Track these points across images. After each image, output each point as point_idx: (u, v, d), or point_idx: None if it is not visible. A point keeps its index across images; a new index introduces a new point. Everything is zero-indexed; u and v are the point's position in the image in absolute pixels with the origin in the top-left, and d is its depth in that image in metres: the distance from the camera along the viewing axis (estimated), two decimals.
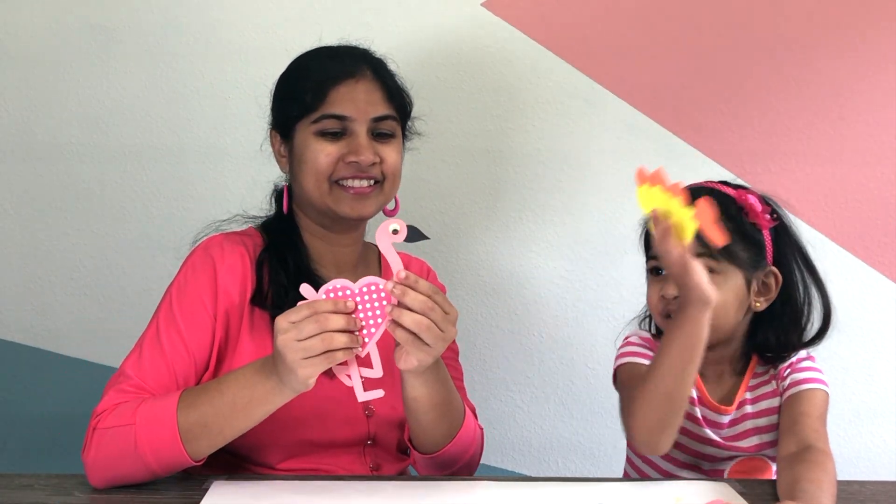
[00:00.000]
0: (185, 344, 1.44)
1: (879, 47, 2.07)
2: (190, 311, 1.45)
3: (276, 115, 1.58)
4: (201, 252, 1.51)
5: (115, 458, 1.34)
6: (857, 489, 1.43)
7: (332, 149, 1.49)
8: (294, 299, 1.42)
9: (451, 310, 1.31)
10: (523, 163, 2.11)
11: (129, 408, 1.35)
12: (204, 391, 1.35)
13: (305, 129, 1.51)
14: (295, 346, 1.24)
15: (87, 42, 2.06)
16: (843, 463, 2.10)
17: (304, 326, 1.25)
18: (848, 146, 2.10)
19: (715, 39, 2.07)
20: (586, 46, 2.08)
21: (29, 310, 2.13)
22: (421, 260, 1.72)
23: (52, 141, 2.09)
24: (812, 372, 1.53)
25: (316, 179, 1.50)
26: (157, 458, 1.33)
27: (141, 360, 1.42)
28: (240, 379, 1.33)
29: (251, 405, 1.32)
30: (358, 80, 1.51)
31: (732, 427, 1.55)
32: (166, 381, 1.41)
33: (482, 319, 2.15)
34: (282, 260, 1.51)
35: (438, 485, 1.42)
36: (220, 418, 1.33)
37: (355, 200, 1.51)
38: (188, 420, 1.32)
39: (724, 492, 1.38)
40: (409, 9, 2.06)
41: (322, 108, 1.50)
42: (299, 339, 1.24)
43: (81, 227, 2.11)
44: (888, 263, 2.13)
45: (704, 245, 1.42)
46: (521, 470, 2.19)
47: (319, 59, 1.56)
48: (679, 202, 1.29)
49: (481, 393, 2.14)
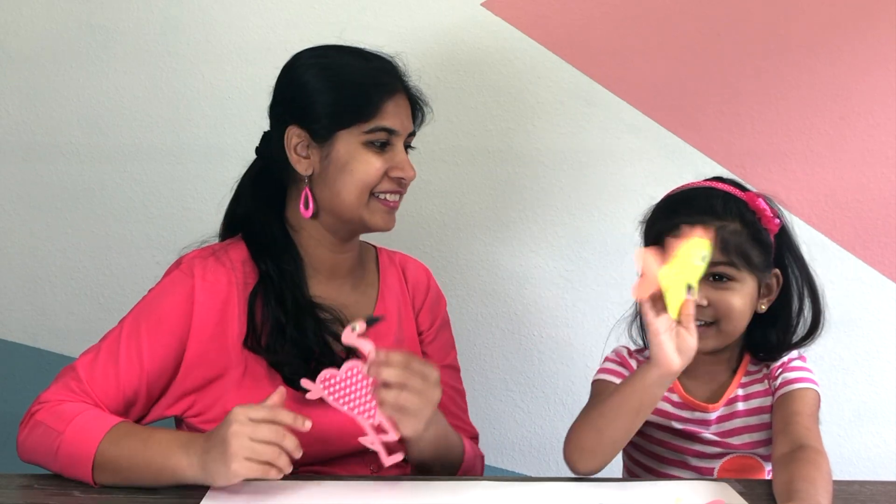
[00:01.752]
0: (141, 360, 1.42)
1: (879, 48, 2.07)
2: (157, 328, 1.44)
3: (309, 115, 1.50)
4: (184, 268, 1.48)
5: (37, 451, 1.38)
6: (858, 489, 1.43)
7: (379, 162, 1.48)
8: (292, 336, 1.43)
9: (431, 372, 1.34)
10: (523, 163, 2.11)
11: (67, 413, 1.36)
12: (132, 435, 1.35)
13: (353, 137, 1.48)
14: (245, 443, 1.25)
15: (87, 42, 2.06)
16: (843, 463, 2.11)
17: (261, 429, 1.25)
18: (848, 146, 2.10)
19: (715, 39, 2.07)
20: (586, 46, 2.08)
21: (29, 310, 2.13)
22: (418, 262, 1.72)
23: (52, 141, 2.09)
24: (803, 372, 1.53)
25: (360, 190, 1.48)
26: (68, 469, 1.36)
27: (94, 365, 1.42)
28: (162, 443, 1.33)
29: (164, 471, 1.32)
30: (403, 95, 1.52)
31: (721, 424, 1.55)
32: (112, 393, 1.41)
33: (482, 319, 2.15)
34: (278, 294, 1.48)
35: (438, 485, 1.42)
36: (133, 468, 1.33)
37: (387, 214, 1.52)
38: (105, 455, 1.33)
39: (724, 492, 1.38)
40: (409, 9, 2.06)
41: (376, 120, 1.47)
42: (252, 437, 1.25)
43: (81, 227, 2.11)
44: (888, 263, 2.13)
45: (724, 252, 1.44)
46: (521, 470, 2.19)
47: (359, 65, 1.51)
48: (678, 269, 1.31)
49: (481, 393, 2.14)
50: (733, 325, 1.49)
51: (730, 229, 1.47)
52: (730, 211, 1.49)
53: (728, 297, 1.47)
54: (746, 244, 1.47)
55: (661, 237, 1.48)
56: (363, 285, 1.61)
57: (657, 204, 1.58)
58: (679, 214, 1.49)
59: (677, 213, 1.50)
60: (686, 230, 1.35)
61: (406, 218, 2.10)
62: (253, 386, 1.45)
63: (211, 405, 1.45)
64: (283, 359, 1.44)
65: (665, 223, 1.50)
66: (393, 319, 1.60)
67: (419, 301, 1.66)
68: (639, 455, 1.61)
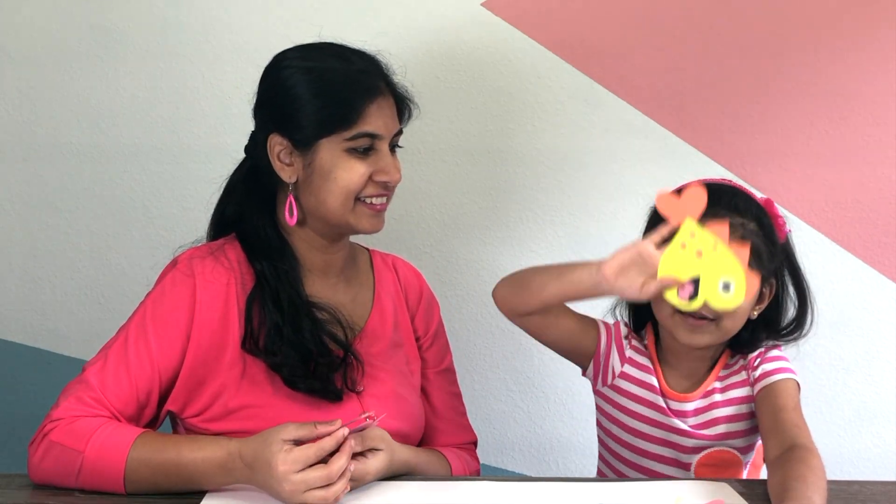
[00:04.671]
0: (152, 359, 1.42)
1: (880, 48, 2.07)
2: (163, 326, 1.43)
3: (290, 124, 1.48)
4: (183, 266, 1.48)
5: (56, 473, 1.35)
6: (858, 489, 1.43)
7: (363, 168, 1.47)
8: (289, 338, 1.43)
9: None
10: (523, 163, 2.11)
11: (84, 430, 1.34)
12: (161, 448, 1.34)
13: (335, 145, 1.46)
14: (298, 486, 1.26)
15: (88, 42, 2.06)
16: (843, 463, 2.11)
17: (312, 477, 1.26)
18: (848, 146, 2.10)
19: (715, 39, 2.07)
20: (586, 46, 2.08)
21: (29, 310, 2.13)
22: (410, 264, 1.71)
23: (52, 141, 2.09)
24: (781, 361, 1.54)
25: (345, 197, 1.47)
26: (94, 487, 1.34)
27: (105, 371, 1.40)
28: (199, 463, 1.32)
29: (204, 484, 1.33)
30: (385, 96, 1.49)
31: (698, 416, 1.55)
32: (127, 396, 1.39)
33: (482, 319, 2.15)
34: (274, 296, 1.47)
35: (438, 485, 1.42)
36: (170, 480, 1.33)
37: (374, 217, 1.51)
38: (137, 471, 1.32)
39: (724, 492, 1.38)
40: (409, 9, 2.06)
41: (357, 126, 1.45)
42: (306, 490, 1.26)
43: (81, 227, 2.11)
44: (888, 263, 2.13)
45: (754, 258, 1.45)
46: (521, 470, 2.19)
47: (341, 69, 1.49)
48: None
49: (481, 393, 2.14)
50: (734, 323, 1.49)
51: (749, 228, 1.48)
52: (750, 211, 1.50)
53: None
54: (760, 246, 1.47)
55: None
56: (357, 285, 1.61)
57: None
58: None
59: None
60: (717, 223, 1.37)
61: (406, 218, 2.12)
62: (251, 387, 1.45)
63: (209, 404, 1.45)
64: (281, 360, 1.44)
65: None
66: (389, 321, 1.60)
67: (413, 303, 1.66)
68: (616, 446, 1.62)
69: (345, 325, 1.51)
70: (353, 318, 1.55)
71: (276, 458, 1.25)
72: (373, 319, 1.58)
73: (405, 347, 1.61)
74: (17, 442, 2.15)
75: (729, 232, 1.36)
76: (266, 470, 1.26)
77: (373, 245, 1.73)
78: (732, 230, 1.39)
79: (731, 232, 1.37)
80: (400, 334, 1.61)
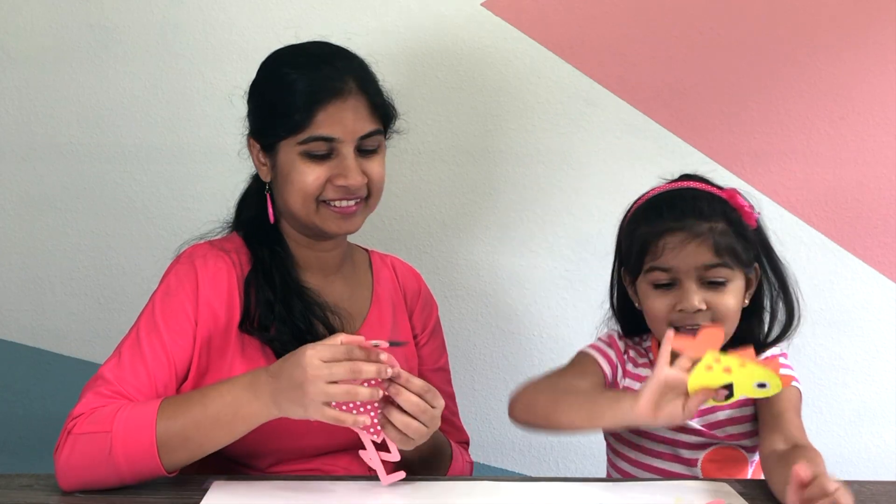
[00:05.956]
0: (167, 351, 1.42)
1: (880, 47, 2.07)
2: (173, 319, 1.44)
3: (256, 126, 1.54)
4: (185, 261, 1.50)
5: (87, 464, 1.32)
6: (857, 489, 1.43)
7: (319, 171, 1.46)
8: (280, 314, 1.43)
9: (439, 403, 1.33)
10: (523, 163, 2.11)
11: (106, 414, 1.33)
12: (186, 402, 1.34)
13: (291, 149, 1.47)
14: (321, 387, 1.24)
15: (87, 42, 2.06)
16: (843, 463, 2.11)
17: (336, 370, 1.25)
18: (848, 146, 2.10)
19: (715, 39, 2.07)
20: (586, 46, 2.08)
21: (29, 310, 2.13)
22: (408, 264, 1.72)
23: (52, 141, 2.09)
24: (786, 370, 1.53)
25: (303, 199, 1.48)
26: (130, 466, 1.31)
27: (121, 365, 1.40)
28: (225, 395, 1.32)
29: (235, 421, 1.32)
30: (346, 99, 1.46)
31: (705, 416, 1.55)
32: (145, 388, 1.39)
33: (482, 319, 2.15)
34: (268, 275, 1.49)
35: (438, 485, 1.42)
36: (202, 432, 1.32)
37: (342, 219, 1.50)
38: (168, 431, 1.31)
39: (725, 492, 1.38)
40: (409, 8, 2.06)
41: (310, 130, 1.45)
42: (328, 380, 1.24)
43: (81, 227, 2.11)
44: (888, 263, 2.13)
45: (717, 254, 1.44)
46: (521, 470, 2.19)
47: (302, 70, 1.48)
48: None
49: (481, 393, 2.14)
50: (730, 325, 1.49)
51: (719, 230, 1.47)
52: (715, 211, 1.49)
53: (725, 300, 1.47)
54: (734, 242, 1.48)
55: (647, 243, 1.48)
56: (355, 283, 1.62)
57: (637, 207, 1.57)
58: (664, 218, 1.49)
59: (662, 217, 1.49)
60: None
61: (406, 218, 2.12)
62: (247, 366, 1.45)
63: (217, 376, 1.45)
64: (274, 336, 1.46)
65: (650, 227, 1.50)
66: (387, 319, 1.61)
67: (412, 302, 1.67)
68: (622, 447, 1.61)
69: (340, 316, 1.52)
70: (352, 316, 1.55)
71: (305, 351, 1.25)
72: (371, 317, 1.59)
73: (404, 346, 1.61)
74: (17, 442, 2.16)
75: (753, 353, 1.30)
76: (292, 382, 1.26)
77: (372, 245, 1.73)
78: (702, 237, 1.39)
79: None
80: (398, 334, 1.61)
